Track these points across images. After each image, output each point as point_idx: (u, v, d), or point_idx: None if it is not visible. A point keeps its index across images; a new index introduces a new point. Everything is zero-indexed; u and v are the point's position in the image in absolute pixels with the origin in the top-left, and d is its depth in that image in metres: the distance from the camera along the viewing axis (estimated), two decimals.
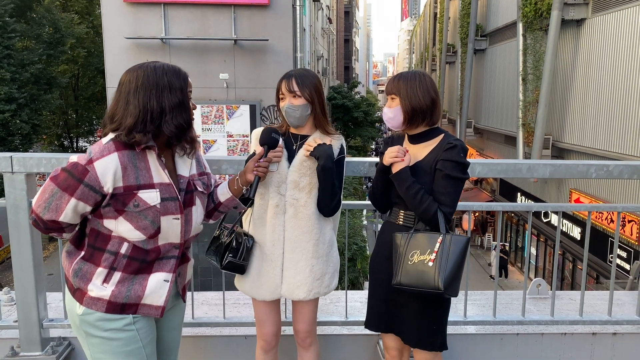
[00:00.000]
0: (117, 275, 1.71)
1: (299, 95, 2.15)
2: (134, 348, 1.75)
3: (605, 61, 12.94)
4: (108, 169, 1.61)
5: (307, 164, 2.20)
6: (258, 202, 2.23)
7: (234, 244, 2.18)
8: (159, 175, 1.71)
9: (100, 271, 1.71)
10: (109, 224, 1.69)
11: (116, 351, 1.73)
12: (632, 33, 11.95)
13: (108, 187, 1.62)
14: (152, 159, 1.71)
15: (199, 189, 1.86)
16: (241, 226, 2.30)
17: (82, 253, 1.74)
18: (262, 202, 2.22)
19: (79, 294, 1.73)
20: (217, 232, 2.27)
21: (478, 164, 2.59)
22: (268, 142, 2.07)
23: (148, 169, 1.69)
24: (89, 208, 1.66)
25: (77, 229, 1.77)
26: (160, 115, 1.67)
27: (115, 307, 1.71)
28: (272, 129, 2.12)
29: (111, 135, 1.67)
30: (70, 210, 1.64)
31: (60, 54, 22.67)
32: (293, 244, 2.21)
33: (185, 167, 1.84)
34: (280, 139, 2.16)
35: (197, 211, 1.85)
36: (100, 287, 1.70)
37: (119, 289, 1.71)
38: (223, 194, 2.00)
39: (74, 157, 1.65)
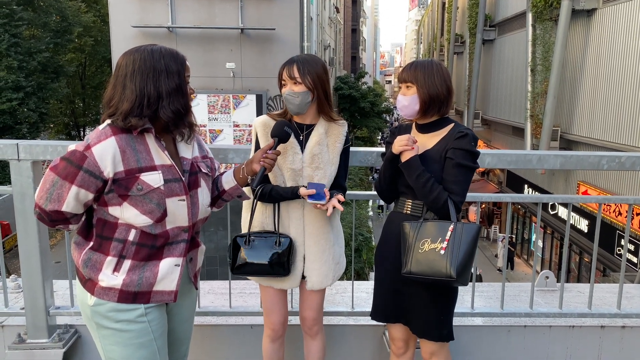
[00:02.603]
0: (127, 263, 1.70)
1: (299, 82, 2.12)
2: (145, 340, 1.74)
3: (616, 52, 12.77)
4: (106, 153, 1.60)
5: (319, 157, 2.18)
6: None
7: (291, 249, 2.21)
8: (160, 157, 1.69)
9: (110, 260, 1.70)
10: (114, 211, 1.68)
11: (127, 343, 1.72)
12: None
13: (108, 172, 1.61)
14: (151, 141, 1.69)
15: (203, 170, 1.85)
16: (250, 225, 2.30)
17: (91, 243, 1.73)
18: None
19: (90, 284, 1.72)
20: (249, 242, 2.22)
21: (488, 154, 2.56)
22: (279, 135, 2.04)
23: (148, 151, 1.67)
24: (90, 195, 1.64)
25: (83, 219, 1.76)
26: (157, 100, 1.65)
27: (127, 296, 1.70)
28: (285, 122, 2.09)
29: (108, 121, 1.66)
30: (72, 198, 1.62)
31: (67, 42, 22.73)
32: (316, 237, 2.24)
33: (188, 150, 1.83)
34: (292, 136, 2.13)
35: (203, 193, 1.84)
36: (111, 277, 1.69)
37: (130, 277, 1.70)
38: (228, 182, 1.98)
39: (72, 146, 1.64)
